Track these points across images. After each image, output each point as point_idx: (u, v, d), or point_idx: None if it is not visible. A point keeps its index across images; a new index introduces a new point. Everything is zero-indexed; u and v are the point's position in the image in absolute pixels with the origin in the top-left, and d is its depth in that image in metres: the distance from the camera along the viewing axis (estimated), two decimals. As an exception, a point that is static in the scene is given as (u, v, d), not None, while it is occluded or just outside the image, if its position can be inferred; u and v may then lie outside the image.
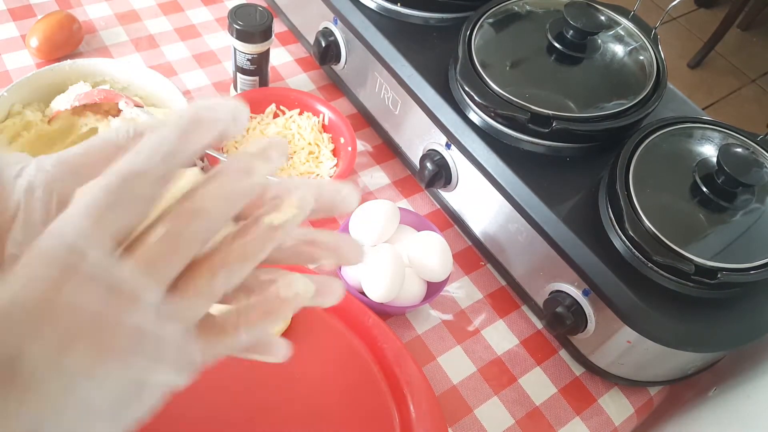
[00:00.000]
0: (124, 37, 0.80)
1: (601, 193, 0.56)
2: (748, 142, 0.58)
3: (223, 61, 0.80)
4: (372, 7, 0.68)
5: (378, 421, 0.53)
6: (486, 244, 0.64)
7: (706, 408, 0.60)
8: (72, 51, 0.76)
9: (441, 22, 0.68)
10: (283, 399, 0.52)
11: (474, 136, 0.59)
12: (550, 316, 0.57)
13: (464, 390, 0.58)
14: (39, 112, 0.65)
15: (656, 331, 0.51)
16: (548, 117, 0.56)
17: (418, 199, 0.71)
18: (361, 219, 0.60)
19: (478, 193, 0.62)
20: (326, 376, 0.55)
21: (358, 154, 0.72)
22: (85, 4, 0.83)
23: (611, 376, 0.59)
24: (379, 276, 0.56)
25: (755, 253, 0.51)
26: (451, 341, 0.61)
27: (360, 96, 0.74)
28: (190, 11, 0.85)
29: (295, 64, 0.82)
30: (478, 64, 0.59)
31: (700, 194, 0.54)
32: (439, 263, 0.58)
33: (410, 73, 0.63)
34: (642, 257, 0.51)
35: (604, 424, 0.58)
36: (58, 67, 0.66)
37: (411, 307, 0.60)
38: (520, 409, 0.58)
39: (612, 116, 0.58)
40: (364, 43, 0.67)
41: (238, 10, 0.67)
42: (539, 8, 0.67)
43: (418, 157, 0.66)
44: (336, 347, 0.57)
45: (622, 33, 0.65)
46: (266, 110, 0.72)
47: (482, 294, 0.65)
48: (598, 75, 0.62)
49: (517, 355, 0.61)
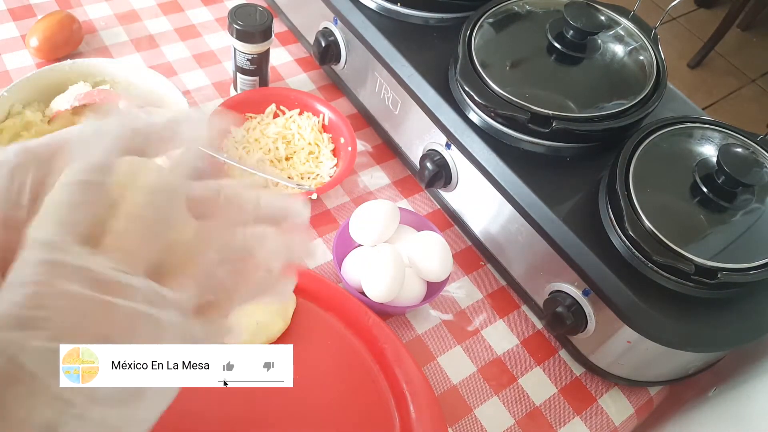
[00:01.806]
0: (124, 37, 0.80)
1: (601, 193, 0.56)
2: (748, 142, 0.58)
3: (223, 61, 0.80)
4: (372, 7, 0.68)
5: (378, 421, 0.53)
6: (486, 244, 0.64)
7: (706, 408, 0.60)
8: (72, 51, 0.76)
9: (441, 22, 0.68)
10: (283, 399, 0.52)
11: (474, 136, 0.59)
12: (550, 316, 0.57)
13: (464, 390, 0.58)
14: (39, 112, 0.65)
15: (656, 331, 0.51)
16: (548, 117, 0.56)
17: (418, 199, 0.71)
18: (361, 219, 0.60)
19: (478, 193, 0.62)
20: (326, 376, 0.55)
21: (358, 154, 0.72)
22: (85, 4, 0.83)
23: (611, 376, 0.59)
24: (379, 276, 0.56)
25: (755, 253, 0.51)
26: (451, 341, 0.61)
27: (360, 96, 0.74)
28: (190, 11, 0.85)
29: (295, 64, 0.82)
30: (478, 64, 0.59)
31: (700, 194, 0.54)
32: (439, 263, 0.58)
33: (410, 73, 0.63)
34: (642, 257, 0.51)
35: (604, 424, 0.58)
36: (58, 67, 0.66)
37: (411, 307, 0.60)
38: (520, 409, 0.58)
39: (612, 116, 0.58)
40: (364, 43, 0.67)
41: (238, 10, 0.67)
42: (539, 8, 0.67)
43: (418, 157, 0.66)
44: (336, 347, 0.57)
45: (622, 33, 0.65)
46: (266, 110, 0.72)
47: (482, 294, 0.65)
48: (598, 75, 0.62)
49: (517, 355, 0.61)
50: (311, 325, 0.57)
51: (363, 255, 0.60)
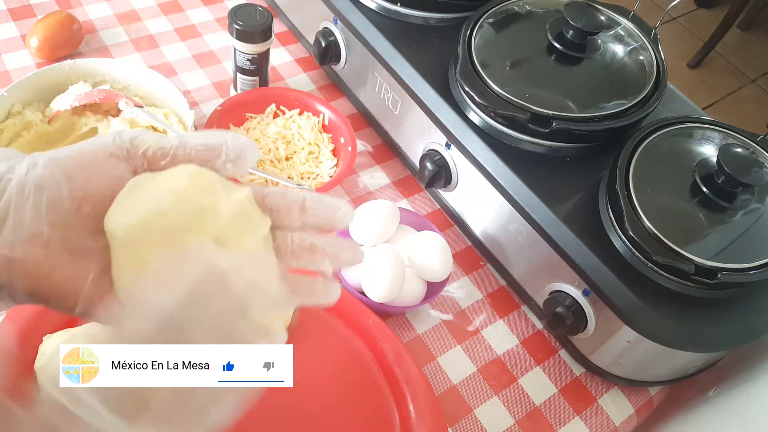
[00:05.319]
0: (124, 37, 0.80)
1: (601, 193, 0.56)
2: (748, 142, 0.58)
3: (223, 61, 0.80)
4: (372, 7, 0.68)
5: (378, 421, 0.53)
6: (486, 244, 0.64)
7: (706, 408, 0.60)
8: (72, 51, 0.76)
9: (441, 22, 0.68)
10: (283, 399, 0.52)
11: (474, 136, 0.59)
12: (550, 316, 0.57)
13: (464, 390, 0.58)
14: (39, 112, 0.65)
15: (656, 331, 0.51)
16: (548, 117, 0.56)
17: (418, 199, 0.71)
18: (361, 219, 0.60)
19: (478, 193, 0.62)
20: (326, 375, 0.55)
21: (358, 154, 0.72)
22: (85, 4, 0.83)
23: (611, 376, 0.59)
24: (379, 276, 0.56)
25: (755, 253, 0.51)
26: (451, 341, 0.61)
27: (360, 96, 0.74)
28: (190, 11, 0.85)
29: (295, 64, 0.82)
30: (478, 64, 0.59)
31: (700, 194, 0.54)
32: (439, 263, 0.58)
33: (410, 73, 0.63)
34: (642, 257, 0.51)
35: (604, 424, 0.58)
36: (58, 67, 0.66)
37: (411, 307, 0.60)
38: (520, 409, 0.58)
39: (612, 116, 0.58)
40: (364, 43, 0.67)
41: (238, 10, 0.67)
42: (539, 8, 0.67)
43: (418, 157, 0.66)
44: (336, 347, 0.57)
45: (622, 33, 0.65)
46: (266, 110, 0.72)
47: (482, 294, 0.65)
48: (598, 75, 0.62)
49: (517, 355, 0.61)
50: (311, 325, 0.57)
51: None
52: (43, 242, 0.28)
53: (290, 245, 0.33)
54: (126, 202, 0.30)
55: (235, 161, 0.31)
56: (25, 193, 0.28)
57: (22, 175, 0.28)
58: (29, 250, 0.28)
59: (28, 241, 0.28)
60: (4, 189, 0.28)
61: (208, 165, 0.31)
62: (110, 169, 0.30)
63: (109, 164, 0.30)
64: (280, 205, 0.33)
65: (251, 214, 0.32)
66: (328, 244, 0.33)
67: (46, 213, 0.28)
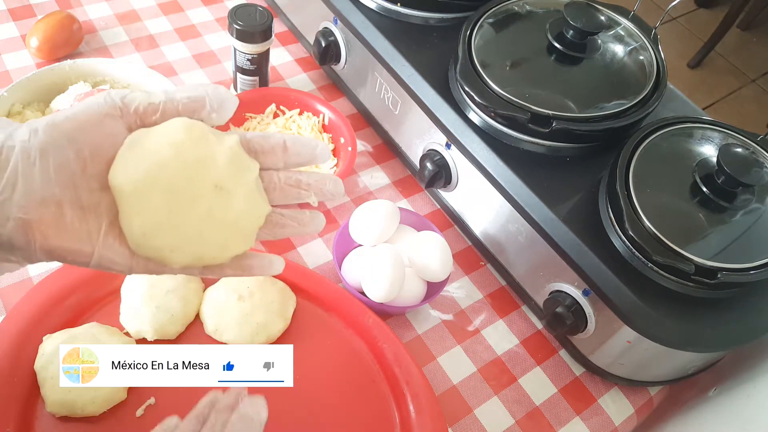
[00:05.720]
0: (124, 37, 0.80)
1: (601, 193, 0.56)
2: (748, 142, 0.58)
3: (223, 61, 0.80)
4: (372, 7, 0.68)
5: (378, 421, 0.53)
6: (486, 244, 0.64)
7: (706, 408, 0.60)
8: (72, 51, 0.76)
9: (441, 22, 0.68)
10: (283, 399, 0.52)
11: (474, 136, 0.59)
12: (550, 316, 0.57)
13: (464, 390, 0.58)
14: (39, 112, 0.65)
15: (656, 331, 0.51)
16: (548, 117, 0.56)
17: (418, 199, 0.71)
18: (361, 219, 0.60)
19: (478, 193, 0.62)
20: (326, 376, 0.55)
21: (358, 154, 0.72)
22: (85, 4, 0.83)
23: (611, 376, 0.59)
24: (379, 276, 0.56)
25: (755, 253, 0.51)
26: (451, 341, 0.61)
27: (360, 96, 0.74)
28: (190, 11, 0.85)
29: (295, 64, 0.82)
30: (478, 64, 0.59)
31: (700, 194, 0.54)
32: (439, 263, 0.58)
33: (410, 73, 0.63)
34: (642, 257, 0.51)
35: (604, 424, 0.58)
36: (58, 67, 0.66)
37: (411, 307, 0.60)
38: (520, 409, 0.58)
39: (612, 116, 0.58)
40: (364, 43, 0.67)
41: (238, 10, 0.67)
42: (539, 8, 0.67)
43: (418, 157, 0.66)
44: (336, 347, 0.57)
45: (622, 33, 0.65)
46: (266, 110, 0.72)
47: (482, 294, 0.65)
48: (598, 75, 0.62)
49: (517, 355, 0.61)
50: (311, 325, 0.57)
51: (363, 255, 0.60)
52: (56, 203, 0.30)
53: (278, 183, 0.36)
54: (128, 157, 0.32)
55: (218, 110, 0.34)
56: (30, 159, 0.29)
57: (25, 142, 0.30)
58: (44, 211, 0.30)
59: (42, 203, 0.30)
60: (9, 156, 0.29)
61: (195, 116, 0.34)
62: (107, 128, 0.32)
63: (105, 123, 0.32)
64: (264, 147, 0.36)
65: (242, 158, 0.35)
66: (311, 178, 0.37)
67: (55, 176, 0.30)
